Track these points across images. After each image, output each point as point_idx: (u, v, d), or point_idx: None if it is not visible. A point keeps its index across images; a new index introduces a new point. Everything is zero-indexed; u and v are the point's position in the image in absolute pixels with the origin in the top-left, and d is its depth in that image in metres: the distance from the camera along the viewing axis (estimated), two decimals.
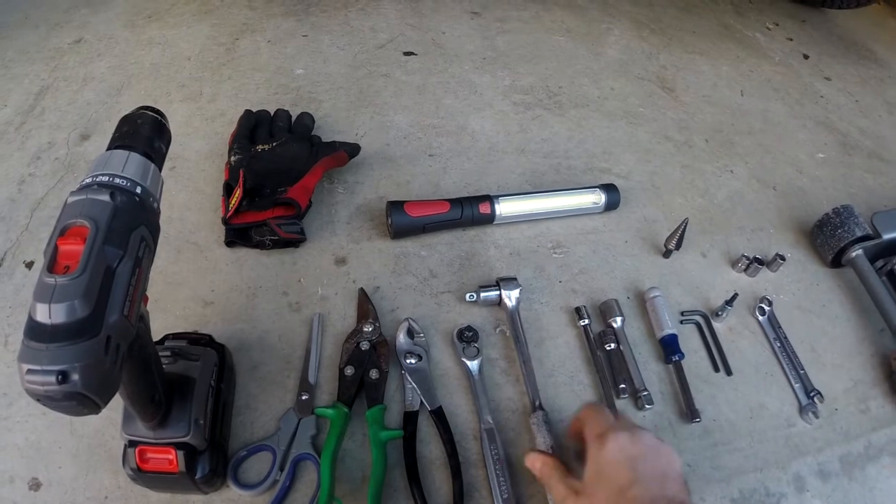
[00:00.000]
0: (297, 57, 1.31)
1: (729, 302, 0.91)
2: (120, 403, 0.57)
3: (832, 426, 0.84)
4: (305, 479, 0.72)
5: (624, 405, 0.82)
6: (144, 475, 0.64)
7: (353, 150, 1.04)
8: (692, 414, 0.81)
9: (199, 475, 0.65)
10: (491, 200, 0.98)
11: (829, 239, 1.01)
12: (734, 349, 0.90)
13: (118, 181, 0.50)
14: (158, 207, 0.55)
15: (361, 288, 0.90)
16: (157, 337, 0.70)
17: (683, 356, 0.86)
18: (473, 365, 0.83)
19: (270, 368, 0.81)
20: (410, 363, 0.81)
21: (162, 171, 0.56)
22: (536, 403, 0.79)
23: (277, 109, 1.11)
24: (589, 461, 0.63)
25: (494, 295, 0.88)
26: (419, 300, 0.91)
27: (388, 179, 1.07)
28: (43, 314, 0.42)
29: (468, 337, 0.85)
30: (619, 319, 0.89)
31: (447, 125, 1.19)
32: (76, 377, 0.41)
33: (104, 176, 0.50)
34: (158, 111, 0.58)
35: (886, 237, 0.99)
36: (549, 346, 0.88)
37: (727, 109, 1.36)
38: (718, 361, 0.88)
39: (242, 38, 1.35)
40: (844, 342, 0.94)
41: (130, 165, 0.51)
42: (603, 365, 0.85)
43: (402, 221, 0.94)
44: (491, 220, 0.99)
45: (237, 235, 0.92)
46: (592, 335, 0.88)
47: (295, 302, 0.89)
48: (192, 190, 1.01)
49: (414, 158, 1.11)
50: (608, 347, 0.86)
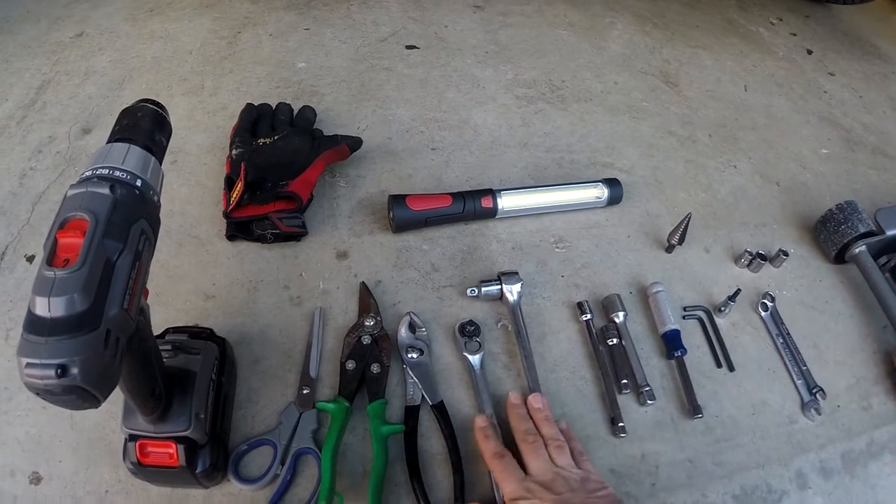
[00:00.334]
0: (298, 50, 1.31)
1: (732, 297, 0.90)
2: (120, 397, 0.57)
3: (834, 423, 0.84)
4: (306, 473, 0.72)
5: (626, 401, 0.82)
6: (145, 469, 0.64)
7: (354, 143, 1.03)
8: (694, 410, 0.81)
9: (199, 469, 0.65)
10: (493, 194, 0.98)
11: (832, 235, 1.01)
12: (737, 345, 0.90)
13: (118, 174, 0.50)
14: (159, 201, 0.55)
15: (363, 282, 0.90)
16: (157, 330, 0.70)
17: (686, 352, 0.85)
18: (475, 359, 0.83)
19: (271, 362, 0.81)
20: (412, 357, 0.81)
21: (163, 164, 0.56)
22: None
23: (279, 103, 1.11)
24: None
25: (496, 289, 0.88)
26: (421, 294, 0.91)
27: (389, 173, 1.07)
28: (42, 307, 0.42)
29: (470, 331, 0.84)
30: (621, 314, 0.88)
31: (449, 119, 1.19)
32: (75, 371, 0.41)
33: (104, 169, 0.49)
34: (159, 104, 0.58)
35: (890, 233, 0.98)
36: (550, 340, 0.87)
37: (731, 104, 1.35)
38: (721, 357, 0.88)
39: (244, 31, 1.35)
40: (847, 339, 0.94)
41: (131, 158, 0.51)
42: (605, 360, 0.85)
43: (403, 215, 0.94)
44: (493, 214, 0.98)
45: (238, 229, 0.92)
46: (595, 330, 0.88)
47: (296, 296, 0.88)
48: (193, 183, 1.01)
49: (416, 152, 1.11)
50: (610, 342, 0.86)
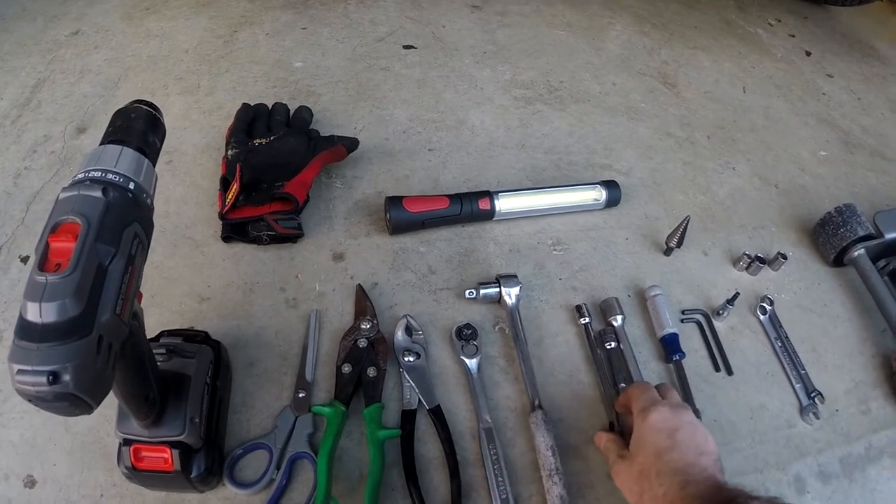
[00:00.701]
0: (295, 50, 1.30)
1: (730, 301, 0.90)
2: (114, 401, 0.56)
3: (833, 427, 0.84)
4: (302, 477, 0.72)
5: None
6: (139, 474, 0.63)
7: (351, 144, 1.03)
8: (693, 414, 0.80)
9: (194, 474, 0.64)
10: (491, 196, 0.97)
11: (830, 238, 1.01)
12: (735, 349, 0.90)
13: (111, 177, 0.49)
14: (152, 203, 0.54)
15: (359, 284, 0.89)
16: (152, 333, 0.69)
17: (684, 355, 0.85)
18: (472, 363, 0.82)
19: (267, 365, 0.81)
20: (409, 361, 0.81)
21: (158, 165, 0.56)
22: (536, 403, 0.78)
23: (275, 103, 1.10)
24: (634, 431, 0.68)
25: (494, 292, 0.88)
26: (418, 297, 0.90)
27: (386, 174, 1.06)
28: (34, 313, 0.41)
29: (467, 335, 0.84)
30: (619, 318, 0.88)
31: (447, 119, 1.18)
32: (67, 378, 0.41)
33: (96, 171, 0.49)
34: (153, 105, 0.58)
35: (889, 237, 0.98)
36: (548, 344, 0.87)
37: (729, 106, 1.35)
38: (719, 361, 0.88)
39: (241, 30, 1.34)
40: (846, 342, 0.94)
41: (123, 161, 0.51)
42: (603, 364, 0.84)
43: (400, 217, 0.93)
44: (491, 216, 0.98)
45: (234, 230, 0.91)
46: (593, 333, 0.87)
47: (292, 298, 0.88)
48: (188, 184, 1.00)
49: (413, 153, 1.10)
50: (608, 346, 0.85)
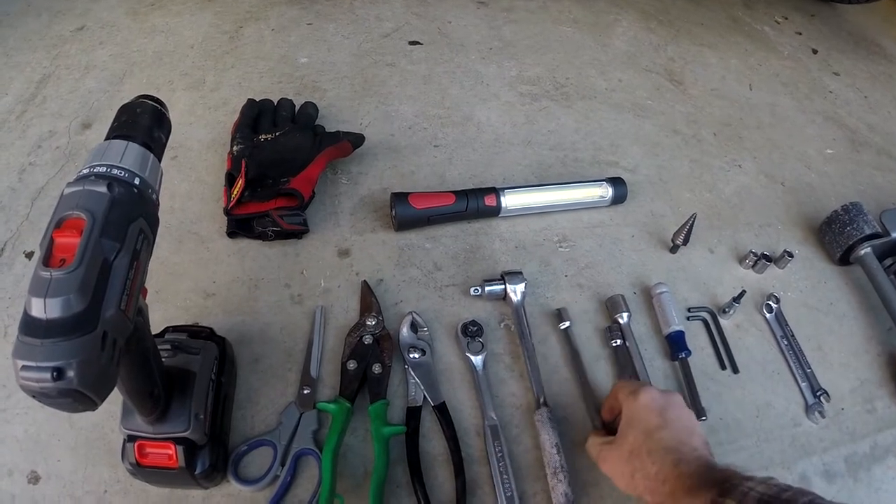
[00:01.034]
0: (301, 45, 1.30)
1: (737, 299, 0.90)
2: (119, 396, 0.56)
3: (838, 426, 0.84)
4: (307, 474, 0.72)
5: None
6: (144, 470, 0.63)
7: (357, 140, 1.03)
8: (698, 412, 0.80)
9: (198, 470, 0.64)
10: (497, 193, 0.97)
11: (837, 236, 1.00)
12: (741, 346, 0.89)
13: (116, 172, 0.49)
14: (157, 199, 0.54)
15: (364, 280, 0.89)
16: (157, 329, 0.69)
17: (690, 353, 0.85)
18: (477, 360, 0.82)
19: (272, 362, 0.81)
20: (414, 358, 0.81)
21: (163, 160, 0.56)
22: (541, 400, 0.78)
23: (281, 99, 1.10)
24: (623, 414, 0.67)
25: (499, 289, 0.87)
26: (423, 293, 0.90)
27: (392, 170, 1.06)
28: (38, 309, 0.41)
29: (472, 332, 0.84)
30: (625, 315, 0.87)
31: (453, 116, 1.18)
32: (72, 374, 0.40)
33: (102, 167, 0.49)
34: (158, 100, 0.57)
35: (895, 235, 0.97)
36: (553, 341, 0.87)
37: (735, 103, 1.34)
38: (725, 359, 0.88)
39: (246, 26, 1.34)
40: (851, 341, 0.93)
41: (129, 156, 0.50)
42: (584, 372, 0.83)
43: (406, 213, 0.93)
44: (496, 212, 0.98)
45: (239, 226, 0.91)
46: (573, 339, 0.86)
47: (297, 294, 0.88)
48: (193, 180, 1.00)
49: (419, 149, 1.10)
50: (614, 343, 0.85)
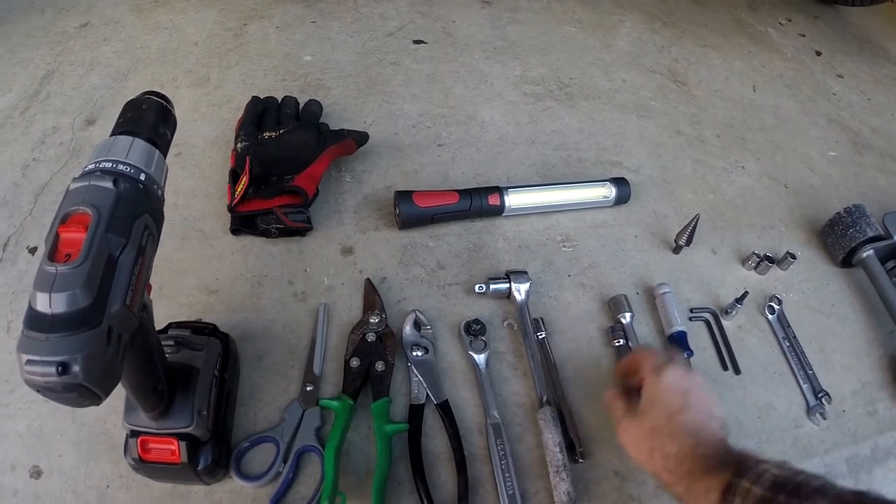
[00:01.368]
0: (305, 43, 1.30)
1: (739, 300, 0.90)
2: (122, 392, 0.56)
3: (839, 428, 0.84)
4: (309, 471, 0.72)
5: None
6: (146, 465, 0.63)
7: (361, 138, 1.03)
8: None
9: (201, 466, 0.64)
10: (500, 192, 0.97)
11: (839, 238, 1.00)
12: (743, 348, 0.89)
13: (122, 168, 0.49)
14: (162, 195, 0.54)
15: (368, 278, 0.89)
16: (160, 325, 0.69)
17: (692, 354, 0.85)
18: (480, 358, 0.82)
19: (275, 359, 0.81)
20: (417, 356, 0.81)
21: (167, 157, 0.56)
22: (544, 399, 0.78)
23: (285, 96, 1.10)
24: (645, 390, 0.68)
25: (504, 287, 0.87)
26: (426, 292, 0.90)
27: (396, 169, 1.06)
28: (43, 303, 0.41)
29: (476, 330, 0.84)
30: (628, 315, 0.87)
31: (456, 115, 1.18)
32: (77, 368, 0.40)
33: (107, 162, 0.49)
34: (164, 96, 0.57)
35: None
36: (557, 340, 0.87)
37: (739, 104, 1.34)
38: (727, 360, 0.88)
39: (250, 23, 1.34)
40: (853, 343, 0.93)
41: (134, 152, 0.50)
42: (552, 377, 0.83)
43: (410, 211, 0.93)
44: (500, 211, 0.98)
45: (243, 223, 0.92)
46: (550, 349, 0.85)
47: (300, 291, 0.88)
48: (197, 177, 1.00)
49: (423, 148, 1.10)
50: (617, 343, 0.85)
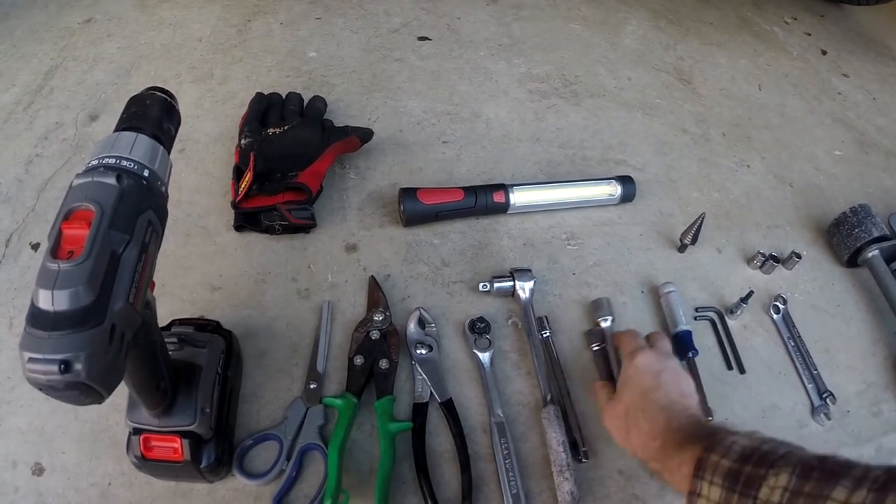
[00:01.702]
0: (309, 40, 1.30)
1: (744, 299, 0.89)
2: (125, 389, 0.56)
3: (844, 428, 0.83)
4: (312, 469, 0.72)
5: None
6: (149, 463, 0.63)
7: (365, 135, 1.02)
8: (704, 412, 0.79)
9: (204, 464, 0.64)
10: (505, 189, 0.97)
11: (845, 238, 0.99)
12: (748, 347, 0.89)
13: (125, 164, 0.48)
14: (166, 191, 0.54)
15: (372, 276, 0.89)
16: (163, 322, 0.69)
17: (697, 353, 0.84)
18: (485, 357, 0.82)
19: (278, 356, 0.80)
20: (421, 353, 0.80)
21: (171, 153, 0.55)
22: (548, 398, 0.78)
23: (289, 93, 1.10)
24: (621, 373, 0.73)
25: (508, 286, 0.87)
26: (430, 289, 0.90)
27: (400, 166, 1.05)
28: (46, 301, 0.41)
29: (480, 328, 0.84)
30: (609, 319, 0.87)
31: (461, 112, 1.18)
32: (79, 367, 0.40)
33: (111, 158, 0.48)
34: (168, 92, 0.57)
35: None
36: (561, 339, 0.87)
37: (744, 103, 1.33)
38: (732, 359, 0.87)
39: (255, 19, 1.34)
40: (858, 343, 0.93)
41: (138, 148, 0.50)
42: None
43: (414, 209, 0.93)
44: (505, 209, 0.97)
45: (246, 220, 0.91)
46: (554, 347, 0.85)
47: (304, 289, 0.88)
48: (201, 173, 1.00)
49: (427, 145, 1.10)
50: (594, 348, 0.85)
